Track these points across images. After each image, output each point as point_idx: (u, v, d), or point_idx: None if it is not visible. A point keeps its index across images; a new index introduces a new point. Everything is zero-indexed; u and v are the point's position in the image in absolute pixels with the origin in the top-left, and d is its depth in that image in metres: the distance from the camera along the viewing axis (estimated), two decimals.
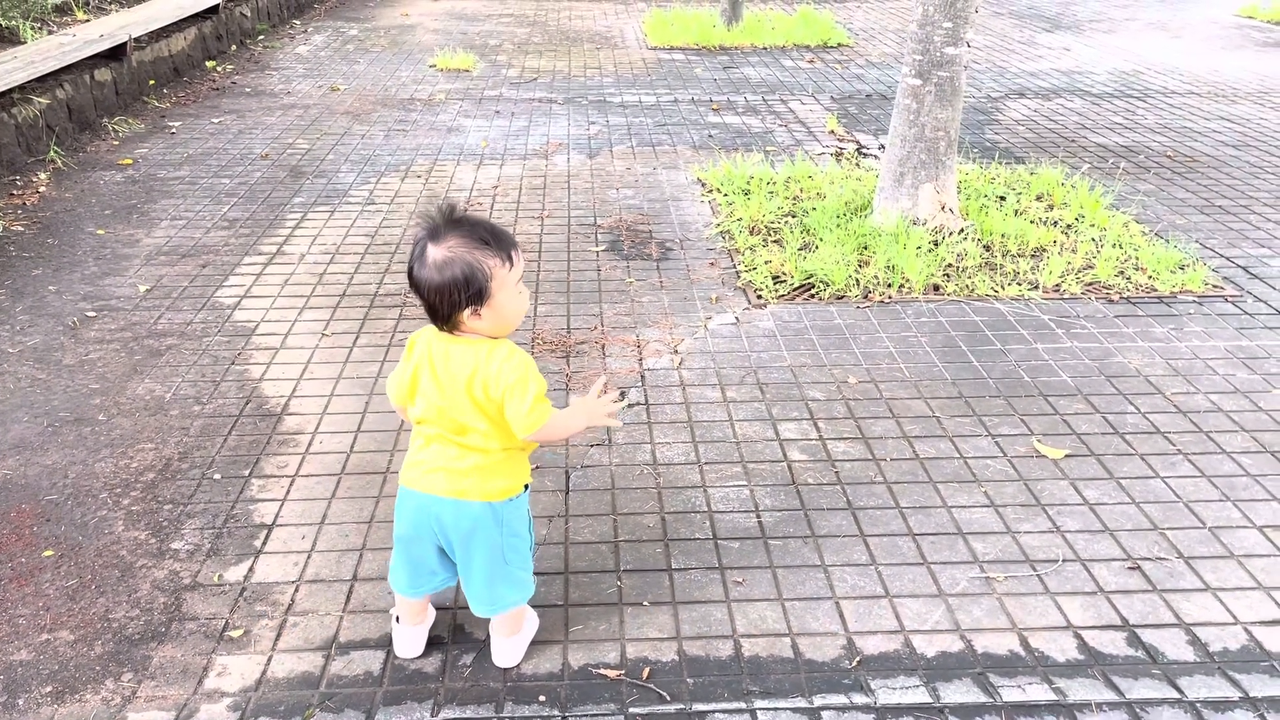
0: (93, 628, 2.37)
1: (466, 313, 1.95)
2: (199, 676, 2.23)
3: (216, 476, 2.95)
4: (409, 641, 2.28)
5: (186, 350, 3.72)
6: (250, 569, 2.57)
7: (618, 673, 2.22)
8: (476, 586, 2.16)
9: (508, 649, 2.25)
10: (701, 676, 2.22)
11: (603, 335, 3.84)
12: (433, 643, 2.31)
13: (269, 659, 2.27)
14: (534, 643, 2.31)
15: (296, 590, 2.49)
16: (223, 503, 2.83)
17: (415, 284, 1.96)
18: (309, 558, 2.60)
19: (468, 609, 2.40)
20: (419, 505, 2.11)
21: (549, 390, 2.26)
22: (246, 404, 3.35)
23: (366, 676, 2.22)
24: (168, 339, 3.81)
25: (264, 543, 2.66)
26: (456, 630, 2.35)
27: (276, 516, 2.77)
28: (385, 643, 2.32)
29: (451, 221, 1.96)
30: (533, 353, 3.69)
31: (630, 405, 3.32)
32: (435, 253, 1.93)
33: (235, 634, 2.34)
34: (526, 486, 2.16)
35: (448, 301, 1.94)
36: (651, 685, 2.19)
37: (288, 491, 2.88)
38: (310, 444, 3.12)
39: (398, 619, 2.27)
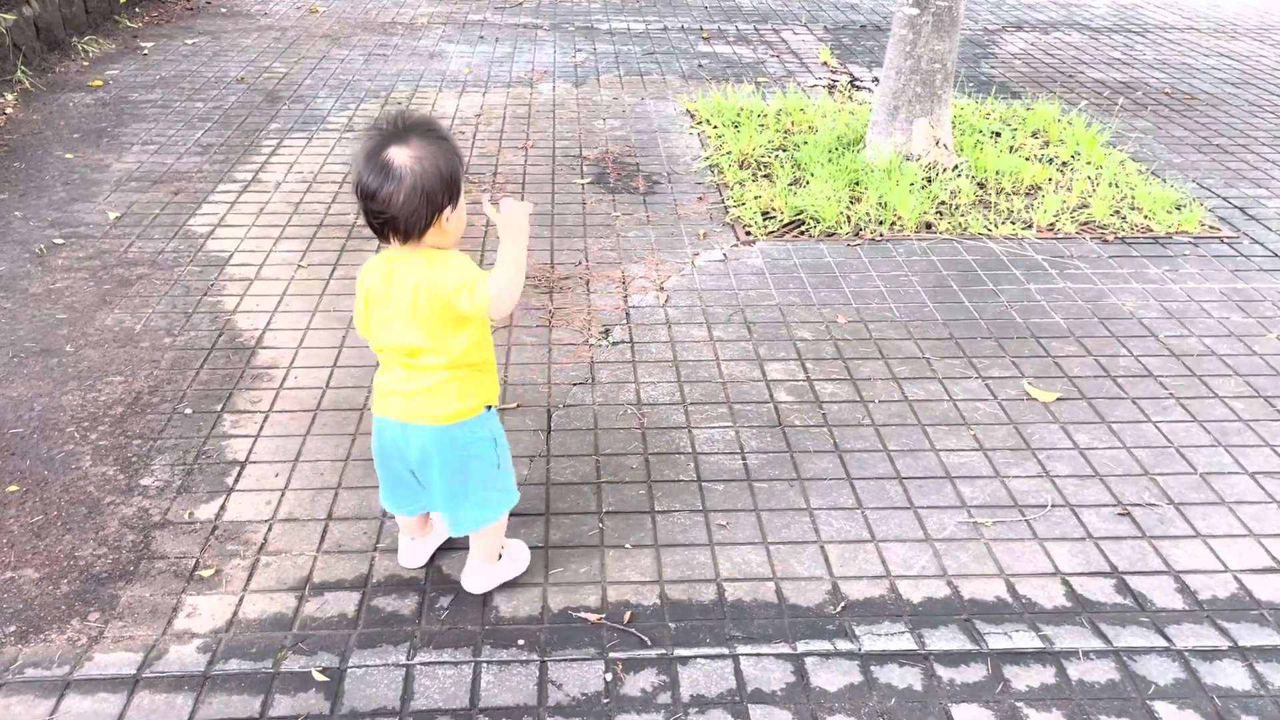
0: (59, 566, 2.30)
1: (446, 214, 1.86)
2: (168, 617, 2.17)
3: (187, 411, 2.87)
4: (410, 552, 2.29)
5: (157, 280, 3.61)
6: (222, 507, 2.50)
7: (598, 616, 2.17)
8: (440, 506, 2.14)
9: (477, 575, 2.22)
10: (683, 621, 2.17)
11: (587, 271, 3.74)
12: (411, 584, 2.26)
13: (240, 599, 2.22)
14: (514, 584, 2.26)
15: (269, 529, 2.42)
16: (194, 439, 2.75)
17: (376, 196, 1.82)
18: (282, 496, 2.54)
19: (444, 550, 2.35)
20: (379, 429, 2.09)
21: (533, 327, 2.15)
22: (219, 337, 3.26)
23: (341, 618, 2.17)
24: (138, 268, 3.69)
25: (236, 480, 2.59)
26: (434, 572, 2.30)
27: (249, 453, 2.70)
28: (360, 583, 2.26)
29: (404, 125, 1.86)
30: None
31: (613, 343, 3.24)
32: (407, 153, 1.81)
33: (206, 573, 2.28)
34: (489, 408, 2.08)
35: (433, 202, 1.83)
36: (632, 630, 2.14)
37: (261, 428, 2.80)
38: (284, 379, 3.04)
39: (403, 529, 2.29)
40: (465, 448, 2.05)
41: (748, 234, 4.05)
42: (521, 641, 2.12)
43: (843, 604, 2.23)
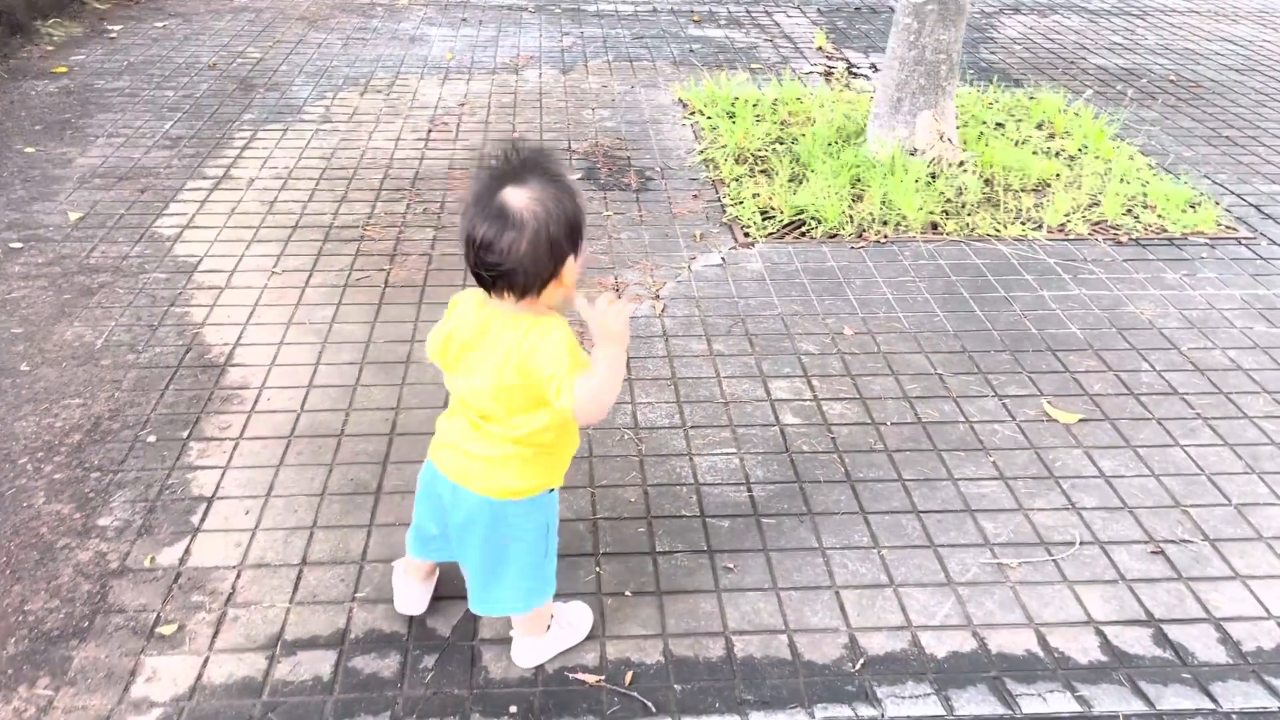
0: (6, 622, 2.11)
1: (569, 265, 1.62)
2: (125, 682, 1.98)
3: (151, 439, 2.67)
4: (409, 598, 2.11)
5: (121, 289, 3.39)
6: (186, 551, 2.30)
7: (597, 679, 2.00)
8: (472, 581, 1.95)
9: (525, 651, 2.03)
10: (690, 682, 2.00)
11: (579, 278, 3.53)
12: (392, 641, 2.07)
13: (205, 661, 2.03)
14: (504, 642, 2.07)
15: (238, 577, 2.23)
16: (157, 470, 2.55)
17: (493, 246, 1.57)
18: (253, 537, 2.34)
19: (430, 605, 2.16)
20: (431, 476, 1.91)
21: None
22: (186, 353, 3.05)
23: (315, 682, 1.98)
24: (100, 275, 3.47)
25: (202, 519, 2.40)
26: (417, 627, 2.11)
27: (217, 488, 2.50)
28: (337, 640, 2.08)
29: (523, 160, 1.62)
30: None
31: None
32: (523, 197, 1.57)
33: (167, 630, 2.09)
34: (551, 490, 1.87)
35: (557, 252, 1.59)
36: (634, 693, 1.97)
37: (230, 457, 2.60)
38: (256, 401, 2.83)
39: (403, 571, 2.12)
40: (512, 528, 1.84)
41: (746, 235, 3.86)
42: (514, 709, 1.94)
43: (862, 660, 2.06)
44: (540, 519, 1.86)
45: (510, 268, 1.58)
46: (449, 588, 2.19)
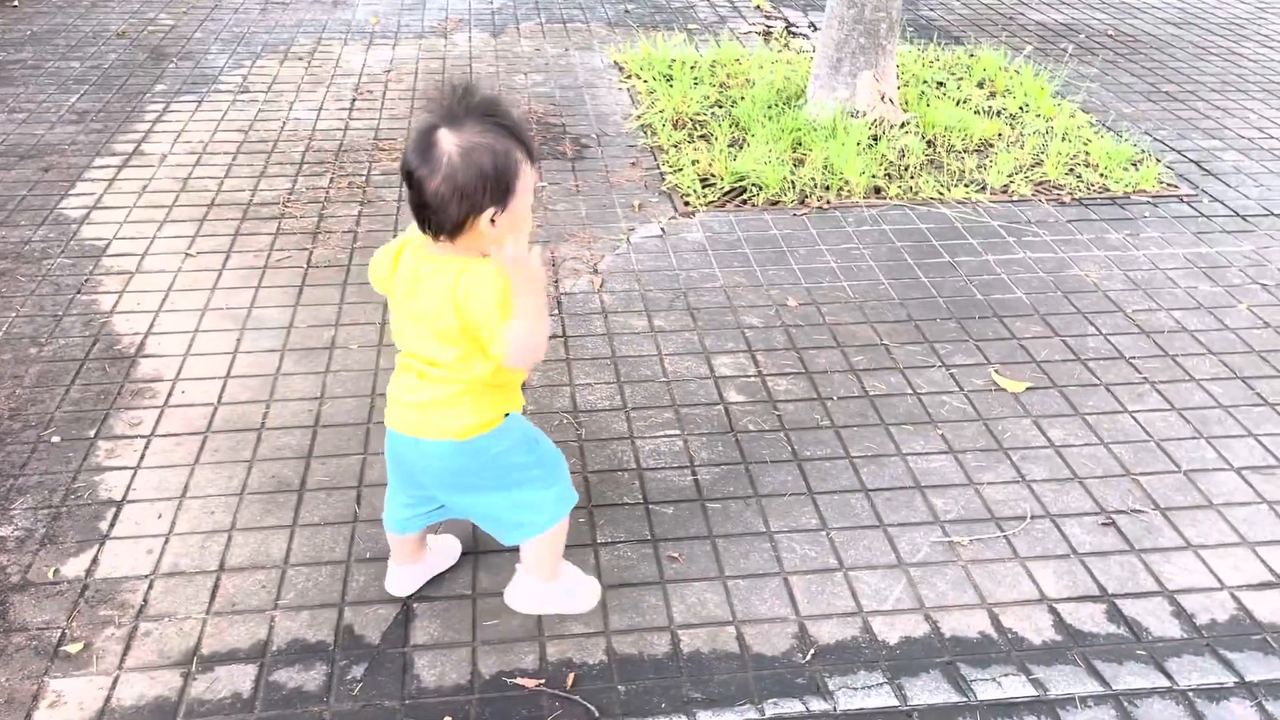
0: None
1: (486, 217, 1.61)
2: (27, 708, 1.83)
3: (55, 439, 2.49)
4: (399, 579, 2.07)
5: (22, 276, 3.18)
6: (94, 560, 2.15)
7: (537, 683, 1.90)
8: (486, 523, 1.93)
9: (525, 591, 1.99)
10: (634, 681, 1.91)
11: None
12: (318, 651, 1.95)
13: (115, 681, 1.89)
14: (439, 645, 1.96)
15: (150, 587, 2.09)
16: (62, 473, 2.39)
17: (417, 183, 1.59)
18: (166, 544, 2.19)
19: (357, 605, 2.04)
20: (391, 443, 1.86)
21: None
22: (94, 344, 2.86)
23: (235, 700, 1.86)
24: (1, 262, 3.25)
25: (111, 525, 2.24)
26: (345, 634, 1.99)
27: (127, 490, 2.34)
28: (258, 653, 1.95)
29: (468, 104, 1.61)
30: None
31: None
32: (453, 141, 1.57)
33: (73, 649, 1.94)
34: (508, 415, 1.82)
35: (467, 202, 1.59)
36: (577, 697, 1.87)
37: (141, 457, 2.44)
38: (170, 394, 2.67)
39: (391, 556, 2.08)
40: (495, 458, 1.81)
41: (686, 204, 3.74)
42: (448, 719, 1.83)
43: (812, 650, 1.98)
44: (515, 439, 1.82)
45: (425, 202, 1.60)
46: (375, 591, 2.07)
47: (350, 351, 2.85)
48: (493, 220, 1.61)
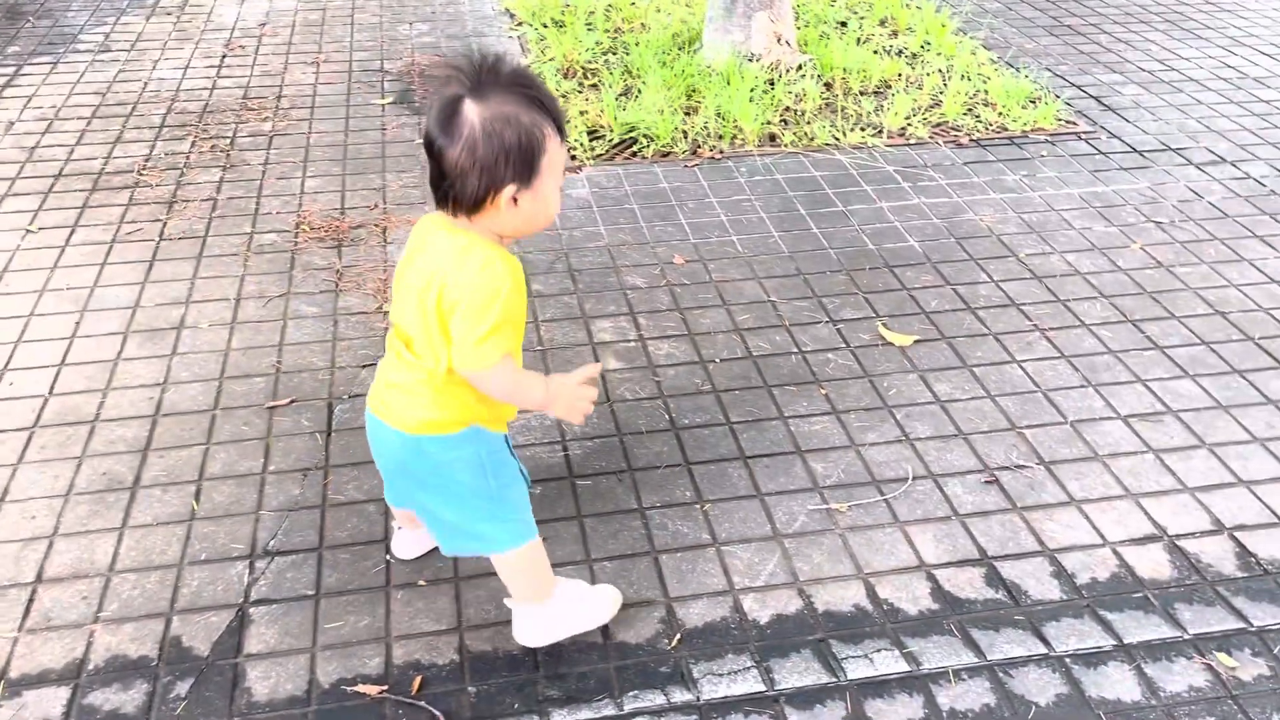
0: None
1: (507, 194, 1.49)
2: None
3: None
4: (403, 542, 2.00)
5: None
6: None
7: (379, 689, 1.76)
8: (428, 522, 1.77)
9: (524, 622, 1.82)
10: (486, 681, 1.78)
11: (384, 216, 3.20)
12: (139, 668, 1.79)
13: None
14: (274, 653, 1.82)
15: None
16: None
17: (437, 153, 1.49)
18: None
19: (187, 614, 1.89)
20: (367, 417, 1.73)
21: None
22: None
23: None
24: None
25: None
26: (171, 648, 1.83)
27: None
28: (73, 672, 1.78)
29: (495, 74, 1.49)
30: (296, 243, 3.05)
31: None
32: (477, 111, 1.46)
33: None
34: (478, 429, 1.64)
35: (487, 175, 1.47)
36: (422, 703, 1.74)
37: None
38: None
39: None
40: (438, 468, 1.64)
41: (573, 159, 3.56)
42: None
43: (678, 635, 1.87)
44: (468, 454, 1.64)
45: (443, 172, 1.50)
46: (209, 597, 1.91)
47: (200, 331, 2.65)
48: (514, 199, 1.49)
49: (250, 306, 2.75)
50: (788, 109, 3.90)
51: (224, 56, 4.36)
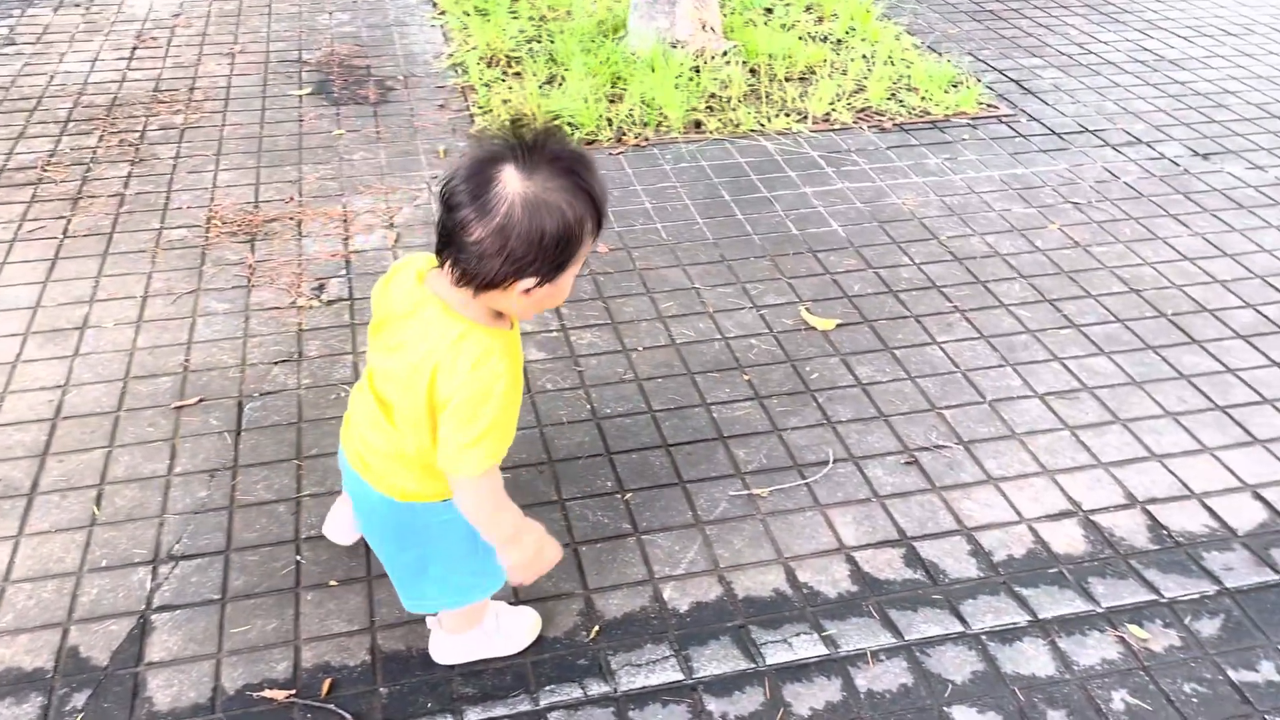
0: None
1: (524, 284, 1.32)
2: None
3: None
4: (339, 524, 1.90)
5: None
6: None
7: (287, 694, 1.71)
8: (391, 576, 1.68)
9: (444, 644, 1.75)
10: (399, 682, 1.74)
11: (300, 209, 3.13)
12: (34, 680, 1.72)
13: None
14: (176, 661, 1.76)
15: None
16: None
17: (455, 211, 1.30)
18: None
19: (85, 623, 1.82)
20: (340, 455, 1.62)
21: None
22: None
23: None
24: None
25: None
26: (67, 659, 1.76)
27: None
28: None
29: (549, 149, 1.31)
30: (208, 238, 2.96)
31: (327, 302, 2.69)
32: (520, 187, 1.28)
33: None
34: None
35: (511, 264, 1.30)
36: (332, 705, 1.70)
37: None
38: None
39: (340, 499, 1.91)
40: (425, 528, 1.56)
41: None
42: None
43: (597, 627, 1.85)
44: (451, 518, 1.51)
45: (459, 244, 1.31)
46: (109, 604, 1.84)
47: (104, 331, 2.56)
48: (528, 290, 1.34)
49: (158, 304, 2.67)
50: (713, 96, 3.88)
51: (135, 49, 4.23)
